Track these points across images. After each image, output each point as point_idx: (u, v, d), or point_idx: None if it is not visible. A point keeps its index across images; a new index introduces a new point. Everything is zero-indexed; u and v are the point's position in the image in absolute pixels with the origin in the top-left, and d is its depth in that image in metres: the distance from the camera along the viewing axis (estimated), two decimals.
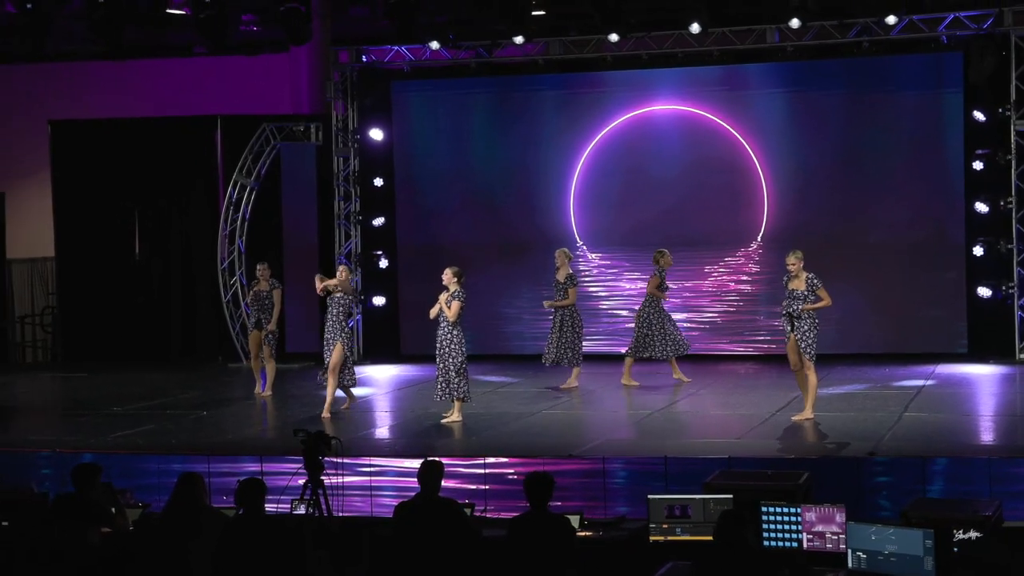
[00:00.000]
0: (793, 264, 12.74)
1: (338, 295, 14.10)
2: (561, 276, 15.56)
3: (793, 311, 12.66)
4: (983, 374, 16.08)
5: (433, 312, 13.28)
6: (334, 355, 13.90)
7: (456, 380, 13.20)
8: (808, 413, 12.81)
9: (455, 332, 13.19)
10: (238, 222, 19.01)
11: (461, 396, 13.28)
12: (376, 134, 19.09)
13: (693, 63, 18.04)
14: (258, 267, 15.94)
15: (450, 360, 13.19)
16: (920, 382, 15.21)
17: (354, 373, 14.41)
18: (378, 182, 19.13)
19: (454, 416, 13.30)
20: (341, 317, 14.09)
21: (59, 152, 20.35)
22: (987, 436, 12.69)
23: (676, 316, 16.46)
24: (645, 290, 15.80)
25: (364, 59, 19.10)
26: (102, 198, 20.16)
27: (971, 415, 13.74)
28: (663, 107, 18.30)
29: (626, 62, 18.19)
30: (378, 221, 19.16)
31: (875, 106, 17.61)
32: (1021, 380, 15.67)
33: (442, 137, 19.02)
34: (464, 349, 13.25)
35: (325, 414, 13.79)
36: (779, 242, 17.66)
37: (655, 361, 15.86)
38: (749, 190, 18.00)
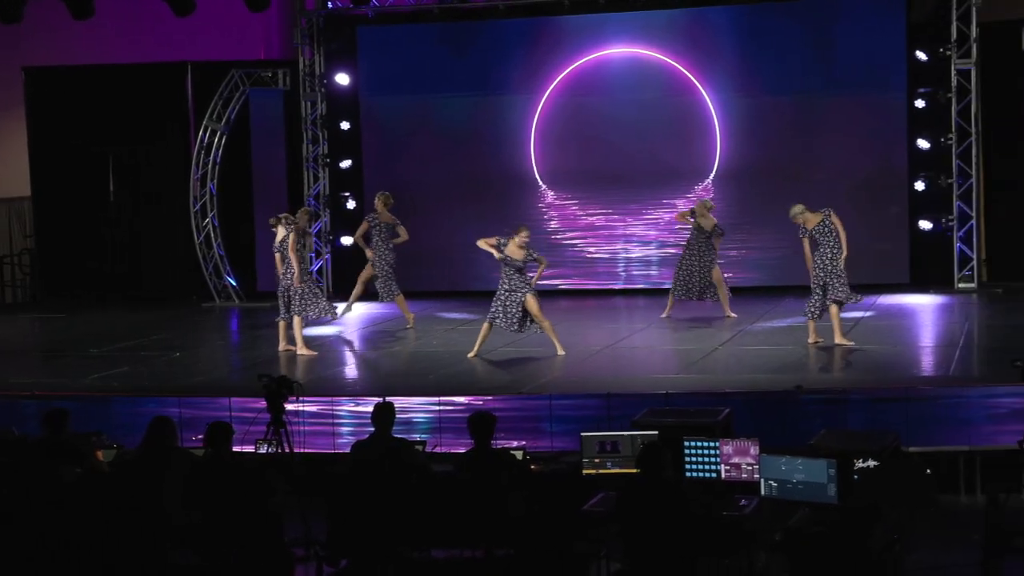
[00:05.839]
0: None
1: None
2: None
3: None
4: (923, 304, 16.85)
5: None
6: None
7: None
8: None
9: None
10: (209, 166, 19.54)
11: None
12: (342, 79, 19.62)
13: (649, 7, 18.58)
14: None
15: None
16: (860, 313, 15.80)
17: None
18: (345, 125, 19.69)
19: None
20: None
21: (33, 97, 20.77)
22: (914, 368, 13.20)
23: (635, 253, 17.15)
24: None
25: (330, 5, 19.59)
26: (77, 141, 20.58)
27: (903, 346, 14.28)
28: (620, 50, 18.86)
29: (584, 6, 18.74)
30: (345, 163, 19.75)
31: (822, 48, 18.21)
32: (958, 309, 16.40)
33: (406, 81, 19.50)
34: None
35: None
36: (730, 179, 18.45)
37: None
38: (702, 130, 18.63)
